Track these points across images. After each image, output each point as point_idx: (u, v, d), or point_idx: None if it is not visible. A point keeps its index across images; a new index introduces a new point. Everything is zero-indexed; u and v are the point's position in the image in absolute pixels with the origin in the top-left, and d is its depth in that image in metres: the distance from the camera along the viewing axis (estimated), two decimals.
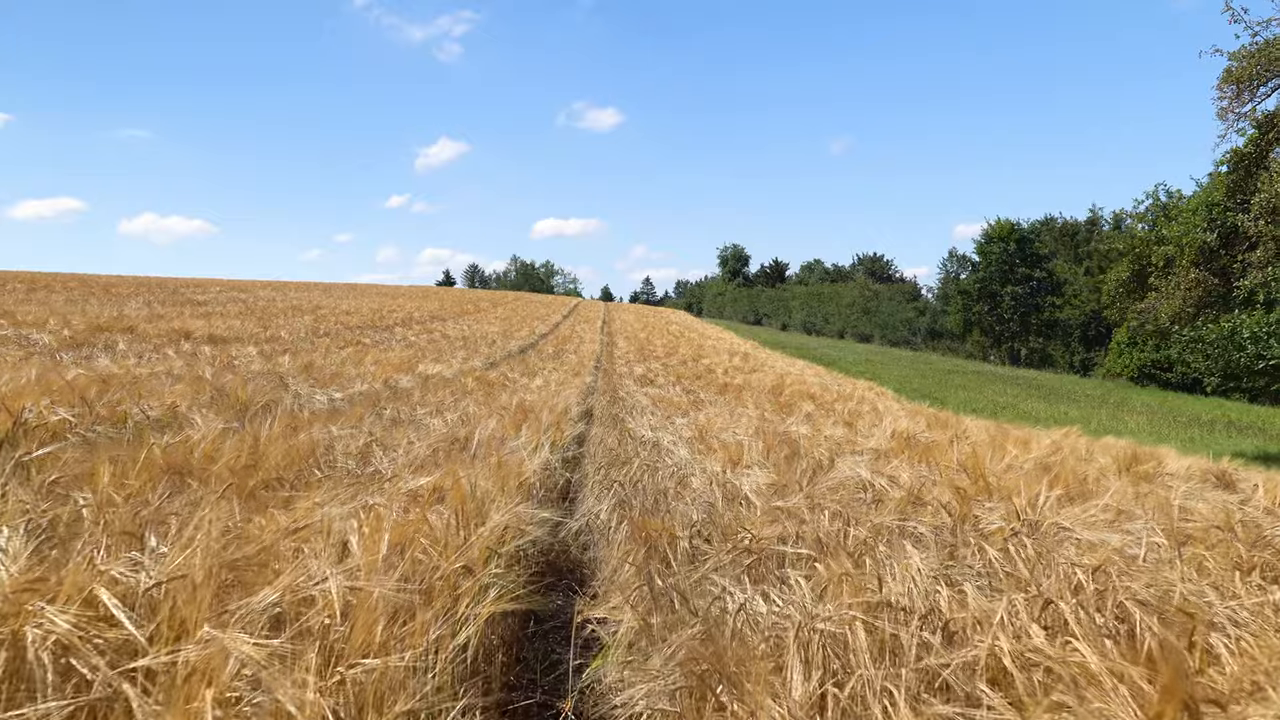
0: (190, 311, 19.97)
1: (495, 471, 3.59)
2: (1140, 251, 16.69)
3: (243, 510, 2.59)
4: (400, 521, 2.30)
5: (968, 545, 2.96)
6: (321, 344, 14.70)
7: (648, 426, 7.25)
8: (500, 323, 31.81)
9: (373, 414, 6.01)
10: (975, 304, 55.41)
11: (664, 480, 4.28)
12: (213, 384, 6.02)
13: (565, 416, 7.16)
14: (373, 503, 2.74)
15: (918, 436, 6.26)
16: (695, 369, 17.19)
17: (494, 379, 11.04)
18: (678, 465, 4.75)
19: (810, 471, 4.06)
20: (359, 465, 3.71)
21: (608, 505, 3.99)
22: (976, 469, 4.11)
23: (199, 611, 1.47)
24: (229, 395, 5.57)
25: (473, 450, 4.35)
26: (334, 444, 4.22)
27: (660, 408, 9.00)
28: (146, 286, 31.93)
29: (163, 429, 4.23)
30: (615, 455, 5.43)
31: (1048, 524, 3.06)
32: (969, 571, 2.58)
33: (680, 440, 6.08)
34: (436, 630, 1.71)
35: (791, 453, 4.57)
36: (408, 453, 4.01)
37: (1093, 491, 3.99)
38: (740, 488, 3.71)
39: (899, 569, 2.49)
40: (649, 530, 2.97)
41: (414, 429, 5.06)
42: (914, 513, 3.43)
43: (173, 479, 3.00)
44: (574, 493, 5.47)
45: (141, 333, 11.98)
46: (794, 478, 3.90)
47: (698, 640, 1.91)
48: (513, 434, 5.52)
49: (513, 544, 2.46)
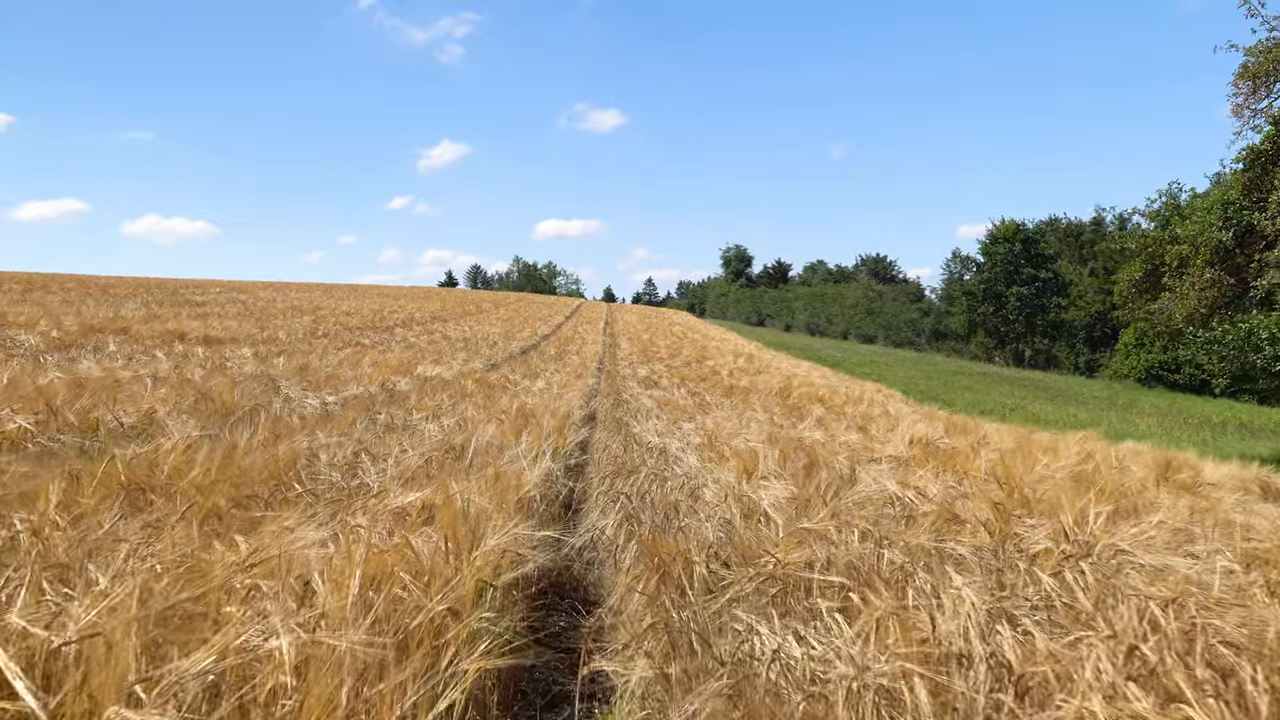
0: (188, 312, 19.70)
1: (492, 485, 3.30)
2: (1153, 251, 16.34)
3: (205, 534, 2.31)
4: (380, 548, 2.00)
5: (1014, 570, 2.67)
6: (319, 345, 14.42)
7: (654, 431, 6.95)
8: (502, 324, 31.53)
9: (366, 419, 5.73)
10: (980, 305, 55.04)
11: (673, 492, 3.99)
12: (198, 388, 5.74)
13: (568, 421, 6.87)
14: (354, 523, 2.45)
15: (937, 443, 5.96)
16: (699, 371, 16.89)
17: (495, 381, 10.75)
18: (687, 475, 4.46)
19: (833, 484, 3.76)
20: (345, 478, 3.42)
21: (614, 520, 3.70)
22: (1010, 480, 3.82)
23: (113, 681, 1.18)
24: (214, 400, 5.29)
25: (469, 459, 4.06)
26: (320, 454, 3.93)
27: (666, 411, 8.71)
28: (145, 287, 31.66)
29: (136, 438, 3.94)
30: (621, 463, 5.13)
31: (1101, 546, 2.76)
32: (1024, 604, 2.29)
33: (689, 447, 5.78)
34: (413, 694, 1.41)
35: (810, 462, 4.27)
36: (398, 463, 3.72)
37: (1140, 506, 3.69)
38: (759, 502, 3.41)
39: (948, 602, 2.19)
40: (661, 553, 2.67)
41: (408, 435, 4.77)
42: (950, 531, 3.14)
43: (134, 496, 2.72)
44: (577, 504, 5.17)
45: (135, 334, 11.70)
46: (815, 490, 3.60)
47: (724, 697, 1.62)
48: (512, 440, 5.23)
49: (510, 574, 2.17)
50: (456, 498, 2.78)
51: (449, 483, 3.06)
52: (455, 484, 3.03)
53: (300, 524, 2.27)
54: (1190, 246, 15.52)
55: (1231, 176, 15.54)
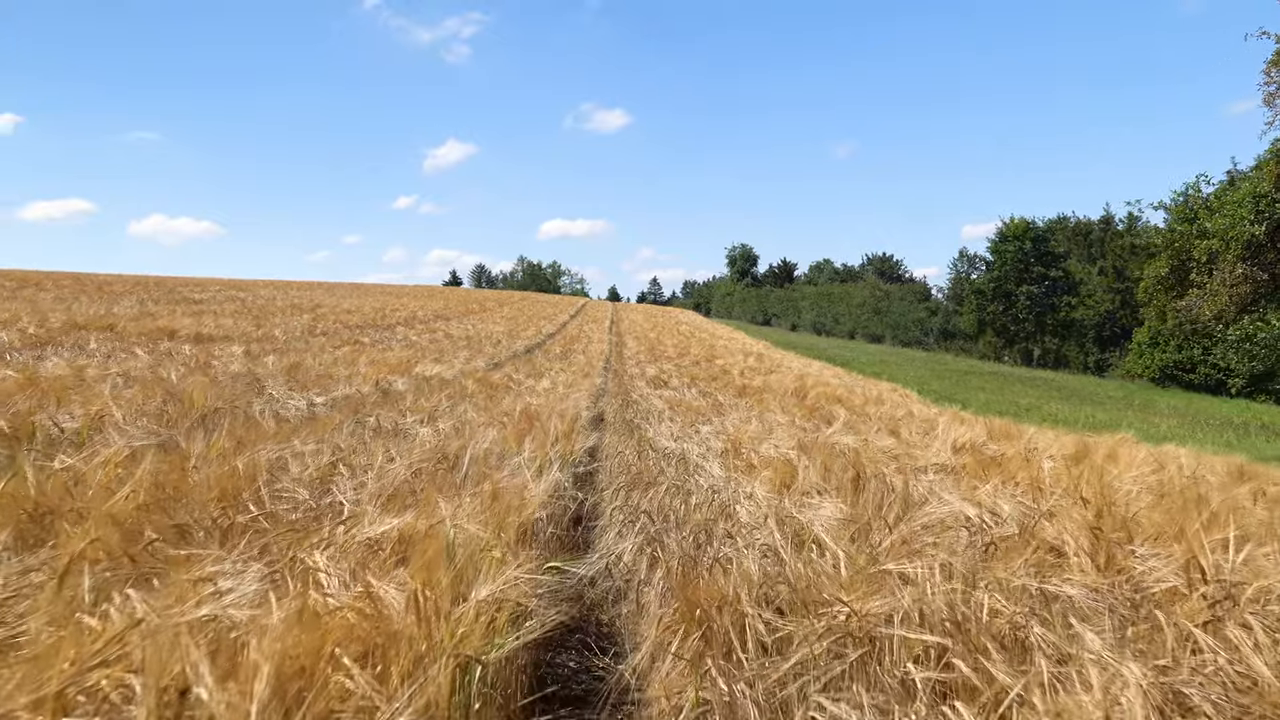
0: (183, 309, 19.21)
1: (489, 505, 2.75)
2: (1180, 246, 15.76)
3: (110, 580, 1.76)
4: (328, 608, 1.45)
5: (1149, 621, 2.11)
6: (316, 344, 13.90)
7: (669, 435, 6.40)
8: (506, 322, 30.98)
9: (354, 422, 5.18)
10: (990, 304, 54.32)
11: (700, 507, 3.44)
12: (169, 388, 5.20)
13: (576, 425, 6.32)
14: (309, 563, 1.91)
15: (983, 449, 5.40)
16: (710, 370, 16.31)
17: (497, 381, 10.20)
18: (714, 488, 3.90)
19: (890, 501, 3.20)
20: (314, 495, 2.87)
21: (633, 544, 3.14)
22: (1100, 497, 3.25)
23: None
24: (183, 401, 4.75)
25: (463, 471, 3.51)
26: (292, 464, 3.39)
27: (678, 412, 8.16)
28: (144, 285, 31.18)
29: (77, 446, 3.40)
30: (636, 473, 4.58)
31: (1254, 589, 2.20)
32: (1194, 682, 1.73)
33: (710, 453, 5.23)
34: None
35: (856, 474, 3.71)
36: (381, 477, 3.17)
37: (1252, 529, 3.13)
38: (807, 524, 2.86)
39: (1094, 677, 1.63)
40: (699, 598, 2.12)
41: (397, 441, 4.22)
42: (1047, 565, 2.58)
43: (39, 524, 2.17)
44: (588, 519, 4.59)
45: (121, 331, 11.19)
46: (873, 510, 3.04)
47: None
48: (515, 447, 4.69)
49: (506, 643, 1.62)
50: (444, 525, 2.23)
51: (436, 502, 2.51)
52: (445, 504, 2.49)
53: (234, 568, 1.72)
54: (1220, 241, 14.93)
55: (1263, 168, 14.94)
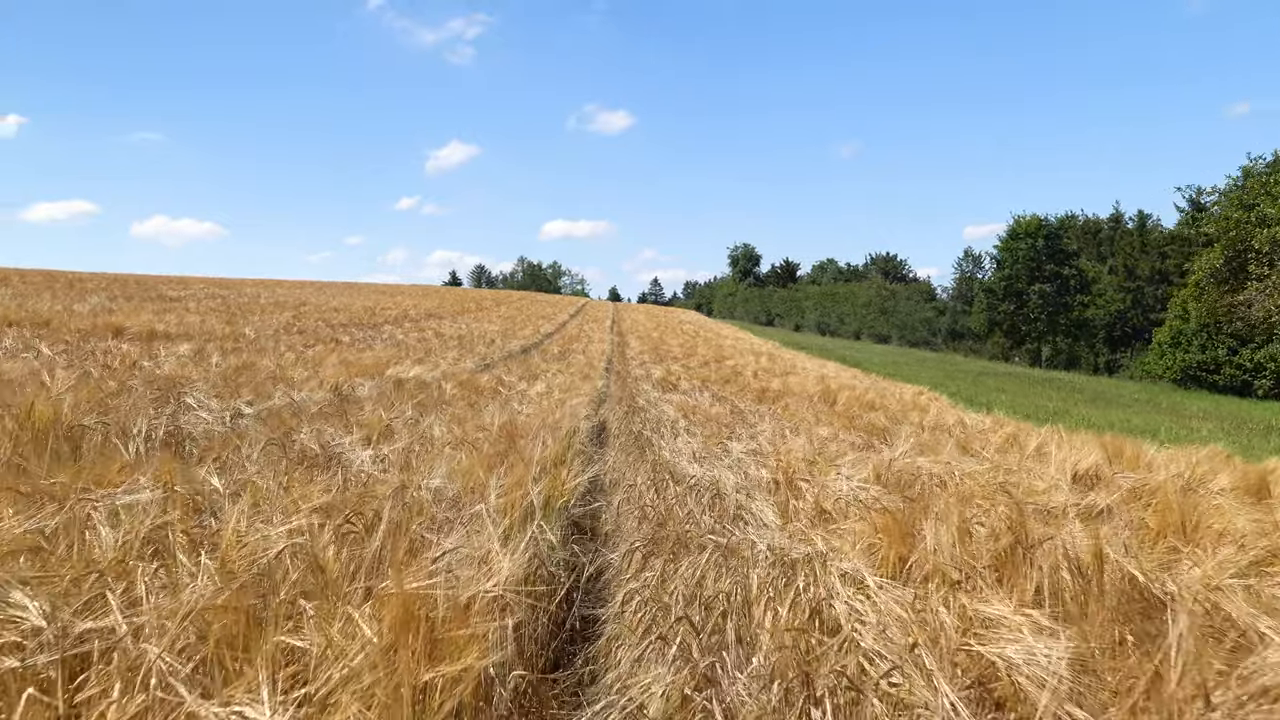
0: (153, 307, 17.84)
1: (399, 626, 1.38)
2: (1236, 235, 14.40)
3: None
4: None
5: None
6: (287, 342, 12.52)
7: (690, 455, 5.02)
8: (502, 321, 29.59)
9: (271, 442, 3.82)
10: (1001, 303, 52.86)
11: (770, 604, 2.08)
12: (13, 398, 3.83)
13: (573, 443, 4.94)
14: None
15: (1118, 479, 4.02)
16: (721, 371, 14.93)
17: (484, 383, 8.81)
18: (779, 554, 2.53)
19: (1128, 611, 1.82)
20: (57, 635, 1.49)
21: (668, 690, 1.76)
22: None
23: None
24: (17, 416, 3.38)
25: (377, 538, 2.12)
26: (62, 542, 2.02)
27: (694, 420, 6.79)
28: (121, 282, 29.79)
29: None
30: (657, 525, 3.17)
31: None
32: None
33: (754, 487, 3.84)
34: None
35: (1014, 541, 2.32)
36: (215, 575, 1.79)
37: None
38: (1006, 673, 1.49)
39: None
40: None
41: (302, 482, 2.84)
42: None
43: None
44: (584, 603, 3.05)
45: (54, 327, 9.84)
46: (1114, 639, 1.66)
47: None
48: (483, 480, 3.32)
49: None
50: None
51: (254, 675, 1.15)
52: (321, 634, 1.12)
53: None
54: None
55: None
